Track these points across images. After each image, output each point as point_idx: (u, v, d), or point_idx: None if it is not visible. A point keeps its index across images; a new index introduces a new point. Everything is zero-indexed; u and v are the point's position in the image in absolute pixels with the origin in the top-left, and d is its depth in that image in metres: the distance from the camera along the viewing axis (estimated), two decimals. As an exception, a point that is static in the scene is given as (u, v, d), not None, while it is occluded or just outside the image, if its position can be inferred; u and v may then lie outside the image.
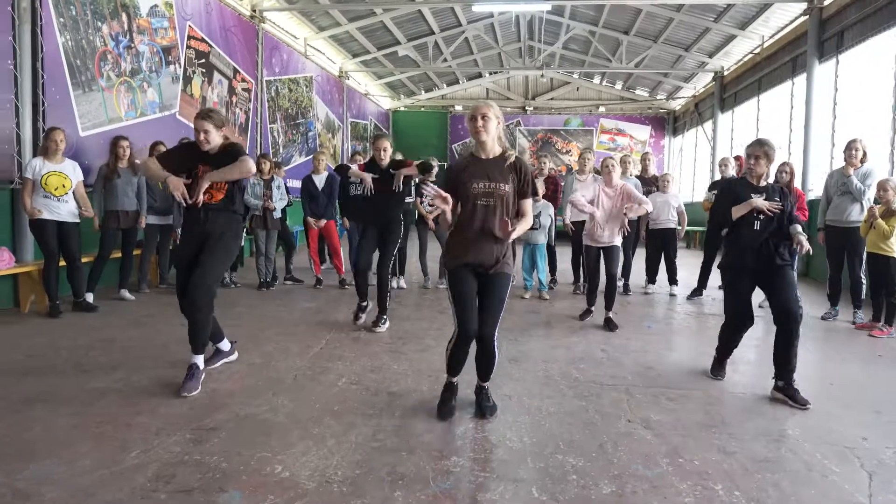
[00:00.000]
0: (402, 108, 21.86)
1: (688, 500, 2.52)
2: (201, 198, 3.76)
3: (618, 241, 5.96)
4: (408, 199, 7.42)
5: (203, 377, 3.81)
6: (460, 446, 3.00)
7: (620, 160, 7.98)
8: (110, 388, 3.71)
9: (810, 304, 7.07)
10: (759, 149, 4.03)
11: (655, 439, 3.12)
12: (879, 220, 5.42)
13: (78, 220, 5.73)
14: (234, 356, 4.29)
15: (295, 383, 3.88)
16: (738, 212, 4.00)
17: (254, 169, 3.95)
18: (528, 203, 3.44)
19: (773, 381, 3.86)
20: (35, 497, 2.43)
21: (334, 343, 4.94)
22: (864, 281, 6.02)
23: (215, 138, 3.81)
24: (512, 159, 3.41)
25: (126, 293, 6.42)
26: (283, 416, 3.33)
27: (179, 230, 6.72)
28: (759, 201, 3.94)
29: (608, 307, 5.79)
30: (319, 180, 7.58)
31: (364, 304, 5.64)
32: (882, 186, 5.53)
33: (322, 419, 3.28)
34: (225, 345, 4.21)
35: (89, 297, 5.95)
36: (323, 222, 7.60)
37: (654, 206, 7.45)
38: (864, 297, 6.04)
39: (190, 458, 2.78)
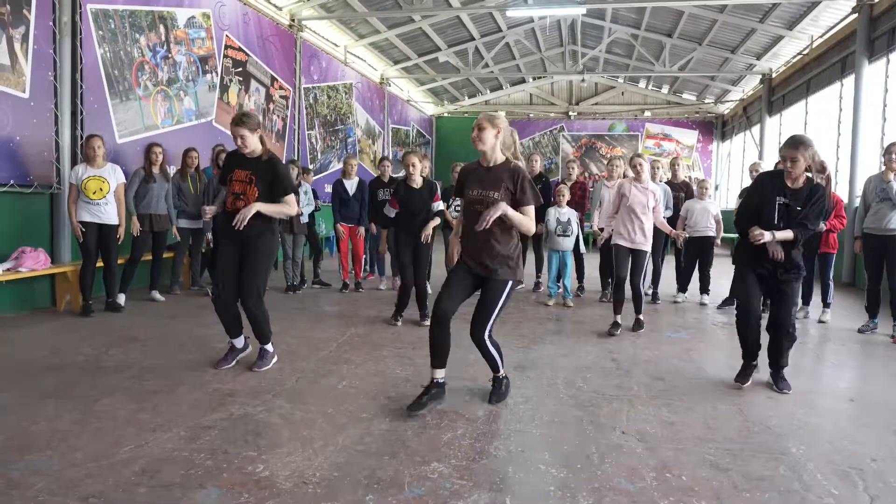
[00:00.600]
0: (446, 114, 21.97)
1: (665, 517, 2.45)
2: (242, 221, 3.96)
3: (647, 247, 5.84)
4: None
5: (275, 359, 4.31)
6: (444, 453, 2.98)
7: (650, 165, 7.85)
8: (120, 385, 3.86)
9: (848, 315, 6.76)
10: (794, 151, 3.84)
11: (645, 452, 3.04)
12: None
13: (117, 223, 5.97)
14: (248, 350, 4.49)
15: (296, 386, 3.94)
16: (750, 229, 3.90)
17: (293, 212, 4.22)
18: (528, 209, 3.54)
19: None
20: (24, 486, 2.55)
21: (345, 346, 5.00)
22: (904, 293, 5.71)
23: (253, 142, 4.02)
24: (510, 167, 3.49)
25: (157, 294, 6.67)
26: (278, 416, 3.39)
27: (210, 234, 6.97)
28: (766, 238, 3.81)
29: (637, 311, 5.85)
30: (350, 185, 7.67)
31: (402, 314, 6.00)
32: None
33: (314, 421, 3.33)
34: (239, 342, 4.37)
35: (121, 298, 6.20)
36: (361, 230, 7.67)
37: (693, 213, 7.29)
38: (904, 309, 5.73)
39: (179, 455, 2.86)
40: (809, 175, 3.94)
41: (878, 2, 9.14)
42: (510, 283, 3.54)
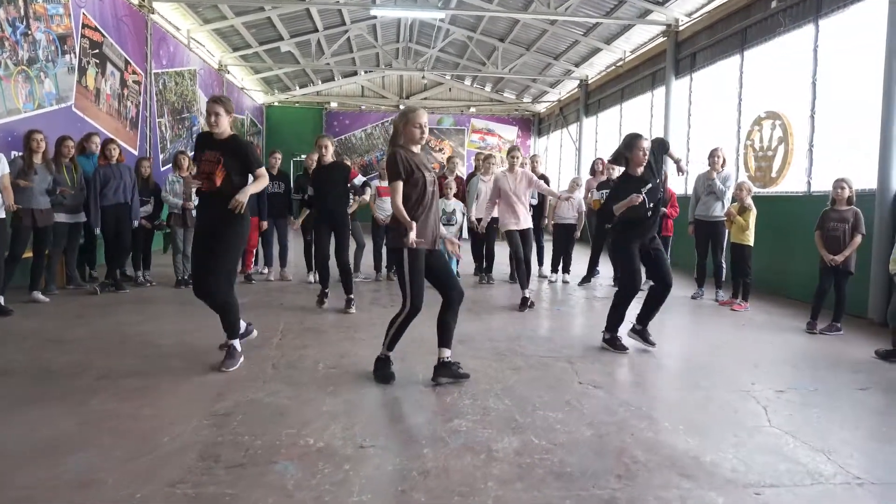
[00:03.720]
0: (276, 104, 21.51)
1: (649, 434, 3.22)
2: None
3: (530, 224, 6.78)
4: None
5: (241, 359, 4.21)
6: (459, 411, 3.49)
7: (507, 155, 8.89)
8: (96, 386, 3.74)
9: (680, 286, 8.33)
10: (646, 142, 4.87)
11: (606, 395, 3.83)
12: (738, 218, 6.64)
13: (3, 216, 5.41)
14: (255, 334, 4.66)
15: (279, 372, 4.13)
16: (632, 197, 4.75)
17: (267, 182, 4.31)
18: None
19: (632, 325, 5.00)
20: (95, 484, 2.54)
21: (289, 334, 5.18)
22: (724, 265, 7.27)
23: (224, 123, 4.00)
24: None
25: (39, 295, 6.11)
26: (286, 398, 3.61)
27: (137, 222, 6.78)
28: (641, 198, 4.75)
29: (523, 287, 6.64)
30: None
31: (327, 291, 6.33)
32: (740, 188, 6.76)
33: (323, 399, 3.61)
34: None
35: (0, 300, 5.63)
36: (263, 225, 7.65)
37: (561, 205, 8.37)
38: (724, 279, 7.29)
39: (224, 440, 3.01)
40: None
41: (682, 29, 11.11)
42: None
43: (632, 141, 4.85)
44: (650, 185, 4.77)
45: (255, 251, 8.15)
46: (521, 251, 6.57)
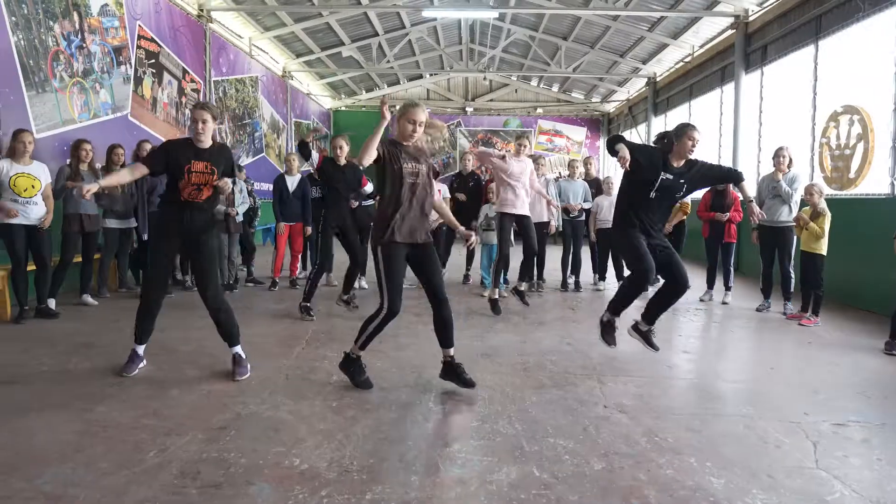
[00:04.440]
0: (343, 108, 21.85)
1: (668, 471, 2.87)
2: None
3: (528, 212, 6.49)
4: (367, 203, 7.67)
5: (249, 365, 4.15)
6: (460, 434, 3.25)
7: (569, 164, 8.52)
8: (105, 393, 3.75)
9: (745, 297, 7.72)
10: (700, 134, 4.42)
11: (631, 422, 3.48)
12: (812, 224, 6.03)
13: (50, 223, 5.61)
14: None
15: (288, 383, 4.02)
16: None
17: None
18: None
19: (635, 322, 4.61)
20: (66, 499, 2.50)
21: (314, 343, 5.10)
22: (792, 275, 6.65)
23: (210, 130, 3.95)
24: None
25: (89, 298, 6.33)
26: (286, 413, 3.49)
27: (145, 235, 6.75)
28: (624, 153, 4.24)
29: (521, 278, 6.50)
30: (292, 182, 7.61)
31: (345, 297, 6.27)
32: (808, 191, 6.15)
33: (325, 415, 3.46)
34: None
35: (51, 303, 5.84)
36: (308, 230, 7.65)
37: (602, 208, 7.97)
38: (792, 290, 6.67)
39: (209, 456, 2.91)
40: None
41: (752, 20, 10.37)
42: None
43: (684, 129, 4.43)
44: (668, 178, 4.35)
45: (300, 256, 8.15)
46: (508, 240, 6.35)
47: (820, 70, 8.47)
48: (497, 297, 6.29)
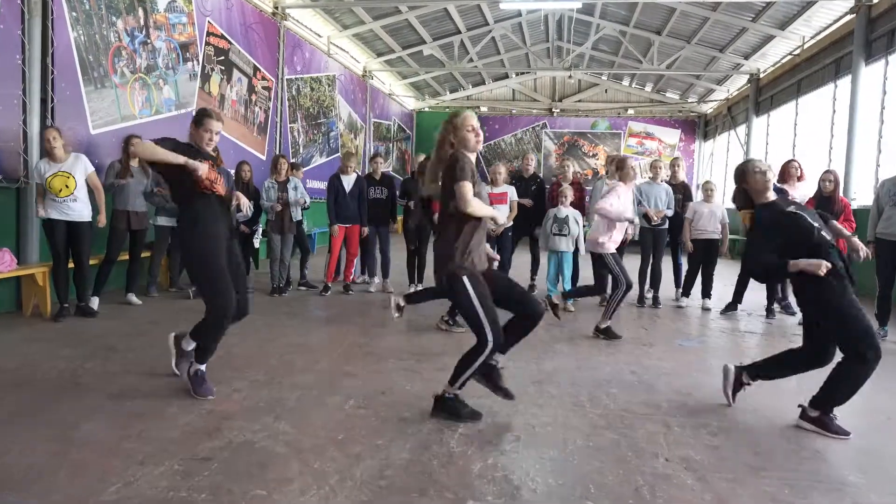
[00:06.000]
0: (427, 109, 21.59)
1: (741, 567, 2.16)
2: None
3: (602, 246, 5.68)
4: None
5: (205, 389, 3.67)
6: (478, 487, 2.66)
7: (651, 165, 7.63)
8: (101, 406, 3.45)
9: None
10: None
11: (698, 484, 2.75)
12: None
13: (90, 220, 5.50)
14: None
15: (298, 405, 3.57)
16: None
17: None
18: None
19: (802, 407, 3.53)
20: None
21: (344, 357, 4.64)
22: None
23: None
24: None
25: (134, 297, 6.21)
26: (283, 444, 3.03)
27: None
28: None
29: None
30: (348, 182, 7.27)
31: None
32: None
33: (325, 449, 2.97)
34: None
35: (94, 302, 5.74)
36: (364, 231, 7.35)
37: (701, 215, 7.08)
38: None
39: (175, 496, 2.49)
40: None
41: (877, 2, 9.04)
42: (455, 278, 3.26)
43: (742, 168, 3.67)
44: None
45: (354, 260, 7.77)
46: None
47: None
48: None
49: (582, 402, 3.79)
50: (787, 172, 6.55)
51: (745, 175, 3.64)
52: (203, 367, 3.68)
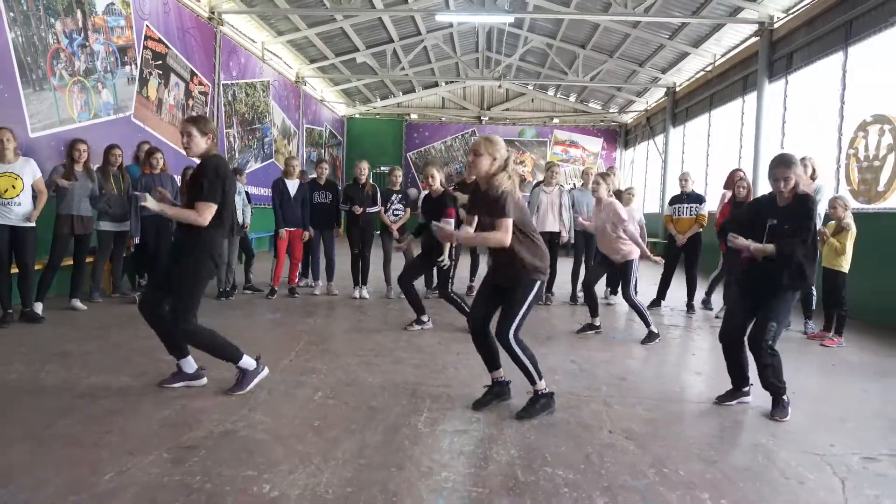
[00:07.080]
0: (357, 116, 21.72)
1: (678, 511, 2.56)
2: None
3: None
4: (372, 210, 7.44)
5: (253, 380, 3.84)
6: (448, 461, 2.96)
7: (582, 173, 8.20)
8: (71, 405, 3.51)
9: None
10: (787, 170, 3.66)
11: (638, 450, 3.16)
12: (831, 239, 5.67)
13: (33, 225, 5.42)
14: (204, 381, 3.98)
15: (270, 398, 3.76)
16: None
17: (205, 223, 3.65)
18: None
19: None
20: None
21: (304, 355, 4.83)
22: (814, 293, 6.27)
23: (200, 144, 3.68)
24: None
25: (78, 303, 6.12)
26: (263, 432, 3.22)
27: (137, 239, 6.56)
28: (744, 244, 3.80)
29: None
30: (292, 186, 7.40)
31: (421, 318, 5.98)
32: (832, 204, 5.79)
33: (304, 436, 3.19)
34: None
35: (38, 308, 5.64)
36: (307, 235, 7.47)
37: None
38: (814, 308, 6.29)
39: (170, 480, 2.65)
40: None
41: (777, 27, 10.02)
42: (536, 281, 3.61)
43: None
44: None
45: (299, 264, 7.91)
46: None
47: (848, 78, 8.09)
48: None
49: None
50: (731, 180, 7.25)
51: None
52: (242, 364, 3.83)
